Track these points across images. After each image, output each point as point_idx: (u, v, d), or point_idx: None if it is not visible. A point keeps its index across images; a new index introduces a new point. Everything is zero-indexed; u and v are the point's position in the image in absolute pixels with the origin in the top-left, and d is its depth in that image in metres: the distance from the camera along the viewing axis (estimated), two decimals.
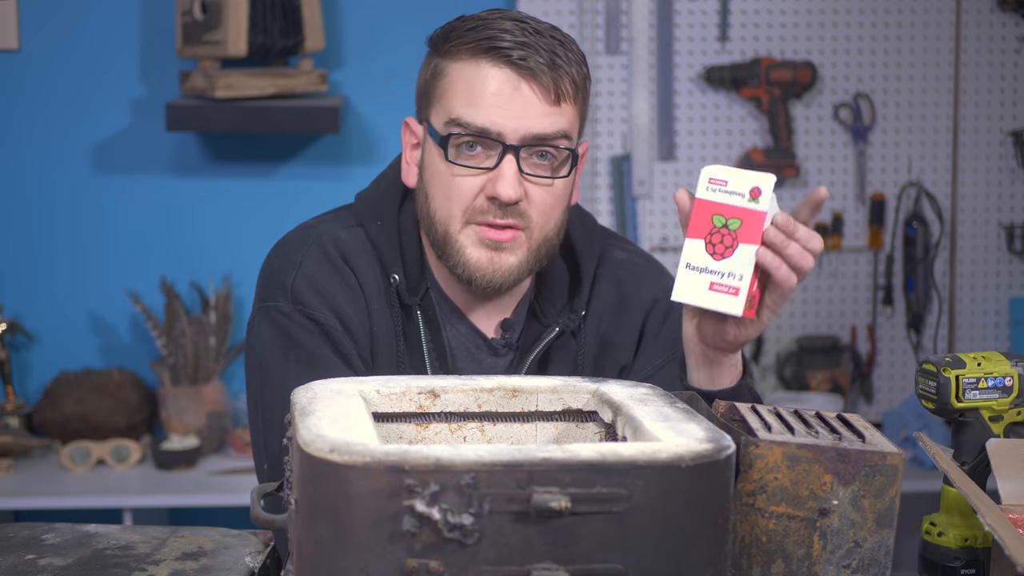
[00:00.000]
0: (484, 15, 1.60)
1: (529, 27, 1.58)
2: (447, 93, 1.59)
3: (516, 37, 1.56)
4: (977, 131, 3.59)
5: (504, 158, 1.56)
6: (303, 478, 1.08)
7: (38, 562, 1.36)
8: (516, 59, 1.55)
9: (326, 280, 1.62)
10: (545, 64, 1.56)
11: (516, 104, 1.55)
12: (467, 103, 1.56)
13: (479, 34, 1.57)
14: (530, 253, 1.61)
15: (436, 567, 1.04)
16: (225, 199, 3.51)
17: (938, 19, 3.55)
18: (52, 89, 3.45)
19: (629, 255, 1.76)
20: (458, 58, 1.58)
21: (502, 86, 1.56)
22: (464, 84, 1.57)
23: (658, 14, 3.48)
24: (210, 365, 3.40)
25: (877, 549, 1.22)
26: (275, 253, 1.68)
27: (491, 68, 1.56)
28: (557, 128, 1.57)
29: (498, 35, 1.56)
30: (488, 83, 1.56)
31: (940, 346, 3.62)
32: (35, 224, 3.49)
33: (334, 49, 3.50)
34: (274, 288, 1.64)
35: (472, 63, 1.57)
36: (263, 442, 1.60)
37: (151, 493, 3.16)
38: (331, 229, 1.67)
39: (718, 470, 1.09)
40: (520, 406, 1.32)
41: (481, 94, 1.56)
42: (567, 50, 1.58)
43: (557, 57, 1.56)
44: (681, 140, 3.53)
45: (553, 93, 1.56)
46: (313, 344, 1.59)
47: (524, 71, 1.55)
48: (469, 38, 1.57)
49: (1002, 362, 1.48)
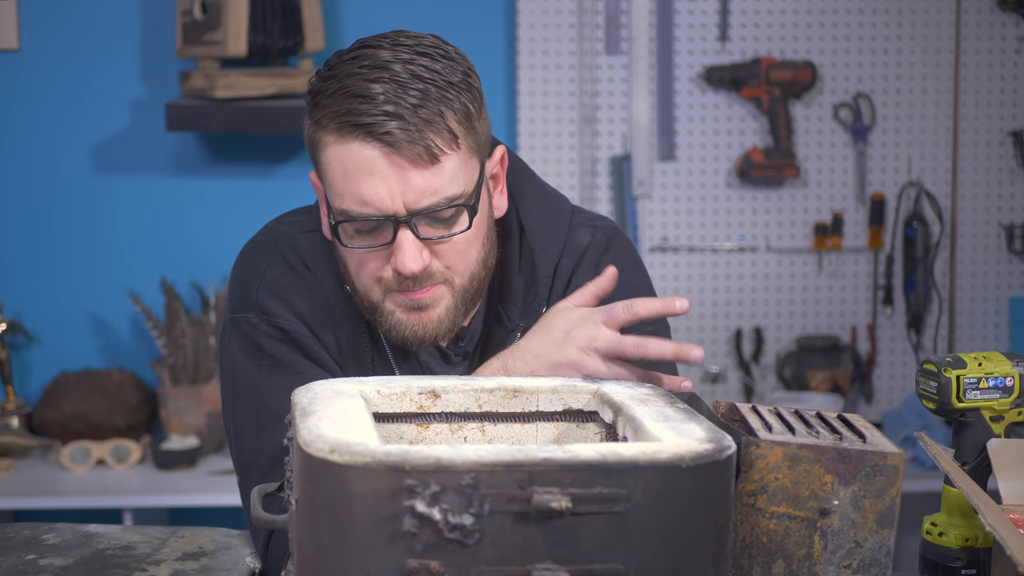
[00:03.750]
0: (350, 67, 1.51)
1: (397, 77, 1.48)
2: (327, 175, 1.52)
3: (378, 104, 1.47)
4: (977, 131, 3.59)
5: (398, 232, 1.50)
6: (303, 478, 1.08)
7: (39, 562, 1.36)
8: (380, 133, 1.47)
9: (290, 287, 1.61)
10: (413, 127, 1.47)
11: (392, 179, 1.48)
12: (346, 192, 1.50)
13: (340, 105, 1.49)
14: (456, 298, 1.57)
15: (436, 567, 1.04)
16: (225, 199, 3.51)
17: (938, 19, 3.55)
18: (52, 89, 3.45)
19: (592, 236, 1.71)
20: (327, 133, 1.50)
21: (373, 164, 1.48)
22: (338, 168, 1.50)
23: (658, 14, 3.48)
24: (210, 365, 3.40)
25: (878, 549, 1.22)
26: (240, 262, 1.68)
27: (358, 146, 1.48)
28: (441, 196, 1.49)
29: (357, 107, 1.48)
30: (359, 163, 1.48)
31: (940, 346, 3.62)
32: (35, 224, 3.49)
33: (334, 49, 3.47)
34: (240, 300, 1.63)
35: (339, 142, 1.49)
36: (236, 452, 1.60)
37: (151, 493, 3.16)
38: (290, 234, 1.66)
39: (719, 470, 1.09)
40: (521, 406, 1.32)
41: (355, 177, 1.49)
42: (439, 89, 1.48)
43: (422, 109, 1.47)
44: (681, 140, 3.53)
45: (426, 155, 1.48)
46: (283, 352, 1.59)
47: (390, 144, 1.47)
48: (332, 110, 1.49)
49: (1003, 362, 1.48)
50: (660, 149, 3.53)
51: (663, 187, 3.54)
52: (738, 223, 3.57)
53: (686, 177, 3.54)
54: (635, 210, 3.52)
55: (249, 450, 1.57)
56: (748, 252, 3.58)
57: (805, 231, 3.58)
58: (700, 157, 3.54)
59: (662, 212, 3.54)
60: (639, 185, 3.51)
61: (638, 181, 3.51)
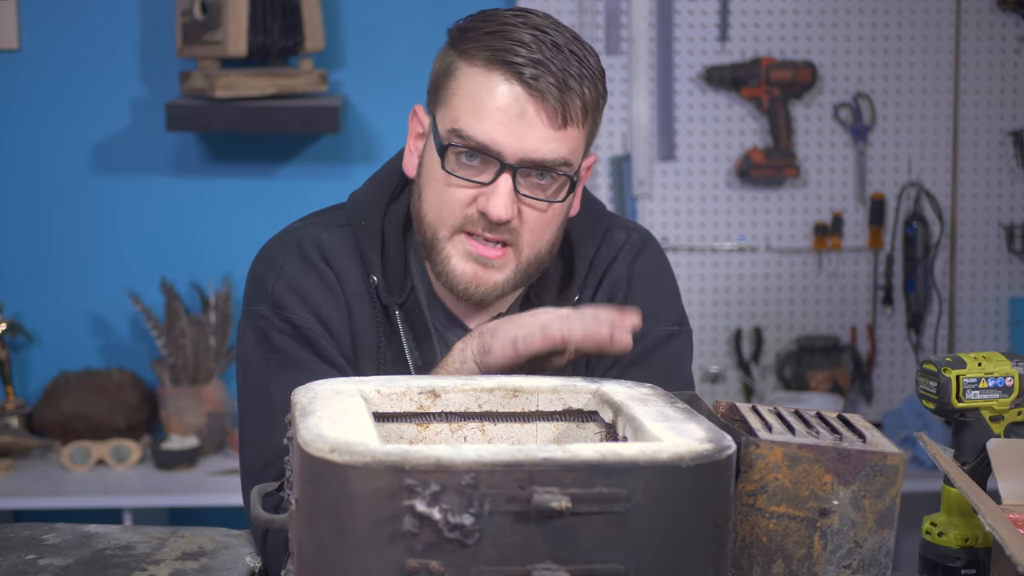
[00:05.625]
0: (507, 17, 1.56)
1: (548, 40, 1.53)
2: (454, 98, 1.55)
3: (531, 52, 1.52)
4: (977, 131, 3.59)
5: (500, 176, 1.54)
6: (303, 478, 1.08)
7: (38, 562, 1.36)
8: (527, 77, 1.51)
9: (305, 282, 1.62)
10: (556, 86, 1.52)
11: (520, 125, 1.52)
12: (471, 114, 1.53)
13: (496, 42, 1.53)
14: (518, 271, 1.59)
15: (436, 567, 1.04)
16: (225, 199, 3.51)
17: (938, 19, 3.55)
18: (52, 89, 3.45)
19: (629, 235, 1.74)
20: (471, 63, 1.54)
21: (509, 103, 1.52)
22: (471, 93, 1.54)
23: (658, 14, 3.48)
24: (210, 365, 3.40)
25: (877, 549, 1.22)
26: (259, 257, 1.69)
27: (501, 82, 1.52)
28: (558, 155, 1.54)
29: (513, 47, 1.52)
30: (495, 97, 1.52)
31: (940, 346, 3.62)
32: (35, 224, 3.49)
33: (334, 49, 3.50)
34: (256, 293, 1.65)
35: (483, 72, 1.53)
36: (241, 443, 1.63)
37: (151, 493, 3.16)
38: (314, 230, 1.67)
39: (719, 470, 1.09)
40: (520, 406, 1.32)
41: (486, 108, 1.53)
42: (583, 67, 1.54)
43: (570, 78, 1.52)
44: (681, 140, 3.53)
45: (560, 117, 1.53)
46: (291, 347, 1.60)
47: (533, 91, 1.52)
48: (485, 44, 1.54)
49: (1003, 362, 1.48)
50: (660, 149, 3.53)
51: (663, 187, 3.54)
52: (738, 223, 3.57)
53: (686, 177, 3.54)
54: (635, 210, 3.52)
55: (253, 442, 1.59)
56: (748, 252, 3.58)
57: (805, 231, 3.58)
58: (700, 157, 3.54)
59: (662, 212, 3.54)
60: (639, 185, 3.51)
61: (638, 181, 3.51)
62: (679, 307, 1.74)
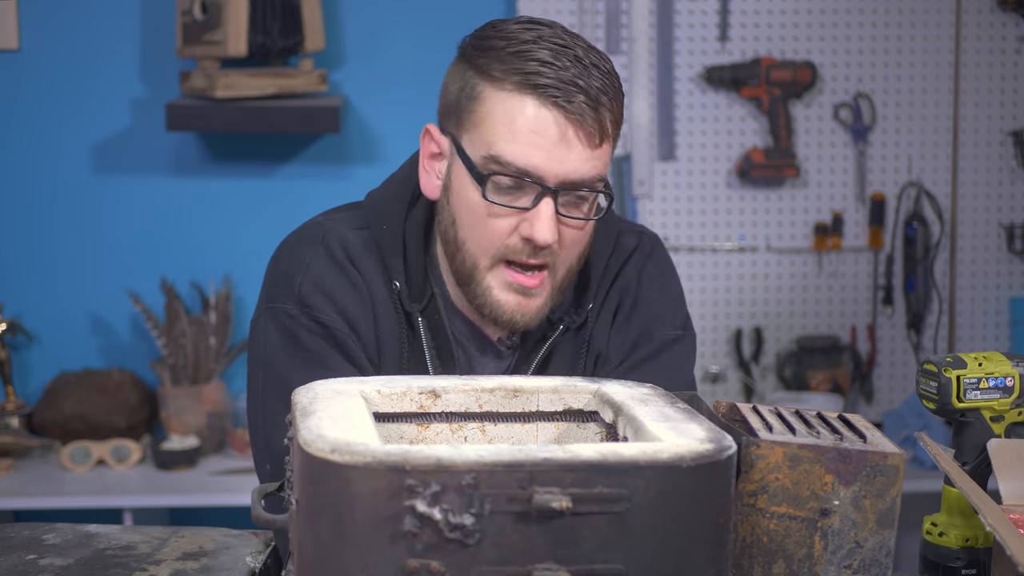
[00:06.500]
0: (521, 34, 1.53)
1: (570, 54, 1.51)
2: (486, 123, 1.53)
3: (560, 73, 1.50)
4: (977, 131, 3.59)
5: (542, 200, 1.52)
6: (304, 478, 1.08)
7: (39, 562, 1.36)
8: (563, 102, 1.50)
9: (333, 282, 1.61)
10: (589, 105, 1.50)
11: (560, 149, 1.51)
12: (508, 140, 1.51)
13: (522, 63, 1.51)
14: (553, 291, 1.59)
15: (437, 567, 1.04)
16: (225, 199, 3.51)
17: (938, 19, 3.55)
18: (52, 89, 3.45)
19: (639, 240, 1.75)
20: (499, 86, 1.52)
21: (547, 128, 1.50)
22: (506, 119, 1.51)
23: (658, 14, 3.48)
24: (210, 365, 3.40)
25: (878, 549, 1.22)
26: (282, 253, 1.66)
27: (536, 107, 1.50)
28: (596, 173, 1.54)
29: (540, 68, 1.50)
30: (531, 122, 1.50)
31: (940, 346, 3.62)
32: (35, 224, 3.49)
33: (334, 49, 3.50)
34: (281, 289, 1.62)
35: (516, 97, 1.51)
36: (265, 441, 1.59)
37: (151, 493, 3.16)
38: (339, 229, 1.65)
39: (719, 470, 1.09)
40: (521, 406, 1.32)
41: (523, 132, 1.51)
42: (605, 77, 1.53)
43: (600, 94, 1.51)
44: (681, 140, 3.53)
45: (597, 136, 1.52)
46: (320, 347, 1.58)
47: (571, 116, 1.50)
48: (511, 66, 1.51)
49: (1003, 362, 1.48)
50: (660, 149, 3.53)
51: (663, 187, 3.54)
52: (738, 223, 3.57)
53: (686, 177, 3.54)
54: (635, 210, 3.52)
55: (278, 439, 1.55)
56: (748, 252, 3.58)
57: (805, 231, 3.58)
58: (700, 157, 3.53)
59: (662, 212, 3.54)
60: (639, 185, 3.51)
61: (638, 181, 3.51)
62: (683, 311, 1.74)
